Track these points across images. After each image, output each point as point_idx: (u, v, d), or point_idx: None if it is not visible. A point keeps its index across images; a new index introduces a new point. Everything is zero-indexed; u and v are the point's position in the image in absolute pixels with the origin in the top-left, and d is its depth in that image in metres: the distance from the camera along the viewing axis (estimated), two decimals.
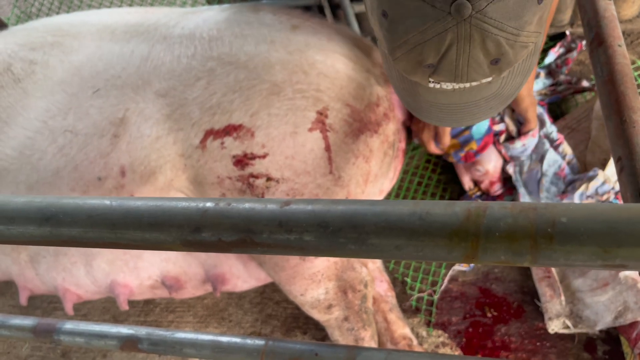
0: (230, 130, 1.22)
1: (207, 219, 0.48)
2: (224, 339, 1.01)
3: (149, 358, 1.62)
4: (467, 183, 1.59)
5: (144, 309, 1.71)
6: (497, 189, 1.56)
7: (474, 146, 1.46)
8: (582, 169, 1.52)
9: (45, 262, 1.39)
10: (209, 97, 1.25)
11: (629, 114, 0.98)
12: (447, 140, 1.43)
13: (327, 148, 1.23)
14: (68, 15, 1.57)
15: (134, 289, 1.40)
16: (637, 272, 1.31)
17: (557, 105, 1.70)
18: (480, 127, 1.45)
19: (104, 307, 1.73)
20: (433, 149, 1.47)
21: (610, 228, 0.39)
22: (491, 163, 1.51)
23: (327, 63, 1.30)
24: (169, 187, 1.26)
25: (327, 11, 1.76)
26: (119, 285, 1.38)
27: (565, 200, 1.45)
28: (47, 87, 1.35)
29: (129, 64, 1.31)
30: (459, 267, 1.54)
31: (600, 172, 1.42)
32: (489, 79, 0.72)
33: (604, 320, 1.31)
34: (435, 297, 1.52)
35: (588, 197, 1.40)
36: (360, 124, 1.27)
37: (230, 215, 0.48)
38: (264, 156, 1.20)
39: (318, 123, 1.23)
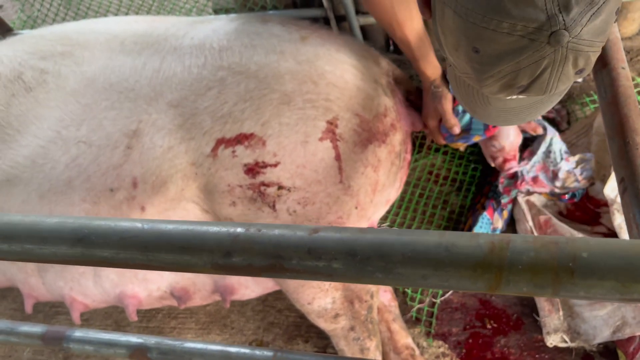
0: (241, 139, 1.24)
1: (238, 244, 0.50)
2: (233, 349, 1.02)
3: None
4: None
5: (146, 315, 1.72)
6: (510, 166, 1.52)
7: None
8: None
9: (53, 271, 1.40)
10: (220, 106, 1.27)
11: (632, 136, 1.00)
12: (452, 120, 1.45)
13: (338, 157, 1.25)
14: (75, 24, 1.58)
15: (143, 300, 1.41)
16: None
17: (558, 122, 1.73)
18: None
19: (106, 313, 1.74)
20: (440, 139, 1.51)
21: (629, 264, 0.42)
22: (508, 139, 1.48)
23: (336, 73, 1.33)
24: (179, 198, 1.27)
25: (333, 23, 1.79)
26: (128, 297, 1.39)
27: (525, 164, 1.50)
28: (60, 97, 1.36)
29: (141, 76, 1.33)
30: None
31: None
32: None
33: (602, 335, 1.34)
34: (436, 308, 1.54)
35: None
36: (369, 134, 1.29)
37: (260, 241, 0.50)
38: (275, 165, 1.22)
39: (328, 133, 1.25)
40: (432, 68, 1.40)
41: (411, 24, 1.28)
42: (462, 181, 1.71)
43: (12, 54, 1.49)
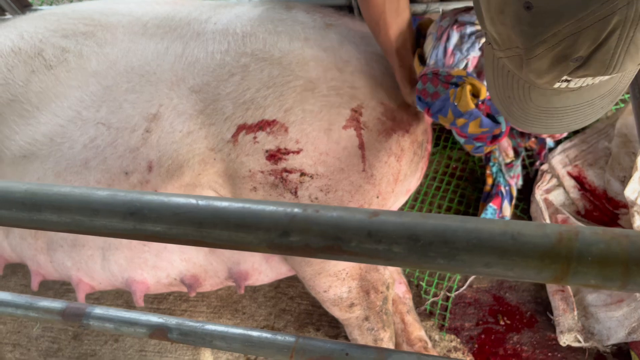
0: (263, 125, 1.23)
1: (296, 224, 0.50)
2: (255, 333, 1.02)
3: (160, 345, 1.63)
4: (504, 151, 1.48)
5: (157, 297, 1.72)
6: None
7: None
8: (602, 186, 1.55)
9: (61, 251, 1.40)
10: (243, 92, 1.26)
11: None
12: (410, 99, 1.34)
13: (361, 146, 1.25)
14: (98, 3, 1.57)
15: (151, 286, 1.41)
16: None
17: None
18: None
19: (116, 293, 1.74)
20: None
21: None
22: None
23: (362, 61, 1.32)
24: (195, 183, 1.27)
25: (356, 12, 1.77)
26: (136, 282, 1.39)
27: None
28: (81, 77, 1.36)
29: (164, 61, 1.33)
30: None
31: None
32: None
33: (617, 336, 1.34)
34: (450, 302, 1.54)
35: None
36: (393, 123, 1.29)
37: (319, 222, 0.49)
38: (298, 152, 1.21)
39: (352, 121, 1.24)
40: (409, 76, 1.31)
41: (397, 26, 1.23)
42: (480, 175, 1.71)
43: (33, 30, 1.48)
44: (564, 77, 0.69)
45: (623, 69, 0.65)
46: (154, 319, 1.07)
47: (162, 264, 1.38)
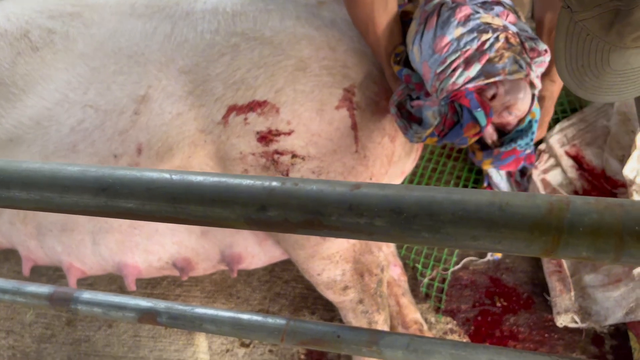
0: (254, 106, 1.21)
1: (274, 198, 0.47)
2: (245, 316, 1.00)
3: (154, 330, 1.62)
4: (490, 137, 1.31)
5: (150, 282, 1.70)
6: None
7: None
8: (600, 165, 1.52)
9: (51, 235, 1.38)
10: (233, 72, 1.23)
11: None
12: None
13: (354, 126, 1.22)
14: None
15: (143, 270, 1.40)
16: None
17: (576, 97, 1.69)
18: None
19: (110, 278, 1.72)
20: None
21: None
22: (525, 100, 1.12)
23: (355, 39, 1.28)
24: (184, 166, 1.24)
25: None
26: (128, 266, 1.37)
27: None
28: (68, 59, 1.33)
29: (152, 41, 1.30)
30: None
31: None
32: None
33: (615, 316, 1.32)
34: (446, 284, 1.52)
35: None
36: (386, 103, 1.26)
37: (298, 195, 0.47)
38: (289, 133, 1.18)
39: (345, 101, 1.21)
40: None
41: (386, 25, 1.19)
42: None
43: (20, 12, 1.45)
44: None
45: None
46: (143, 303, 1.05)
47: (154, 248, 1.36)
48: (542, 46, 1.11)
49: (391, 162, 1.31)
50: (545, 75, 1.19)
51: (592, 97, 0.85)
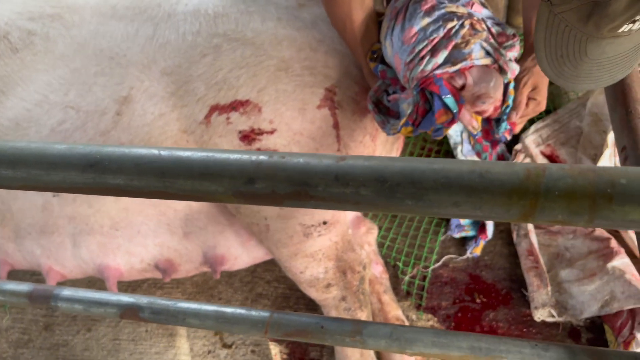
0: (236, 105, 1.22)
1: (262, 170, 0.48)
2: (228, 309, 1.01)
3: (135, 333, 1.60)
4: (469, 124, 1.27)
5: (131, 284, 1.68)
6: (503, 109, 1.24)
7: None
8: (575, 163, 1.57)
9: (30, 238, 1.36)
10: (215, 73, 1.24)
11: (634, 105, 1.01)
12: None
13: (336, 125, 1.23)
14: None
15: (124, 272, 1.38)
16: (625, 263, 1.36)
17: (550, 99, 1.73)
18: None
19: (89, 281, 1.70)
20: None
21: None
22: (497, 87, 1.13)
23: (335, 41, 1.30)
24: None
25: None
26: (109, 269, 1.36)
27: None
28: (48, 60, 1.32)
29: (134, 43, 1.30)
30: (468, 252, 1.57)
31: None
32: None
33: (590, 309, 1.36)
34: (426, 281, 1.54)
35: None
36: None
37: (285, 167, 0.48)
38: (272, 132, 1.20)
39: (327, 100, 1.23)
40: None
41: (364, 23, 1.21)
42: (454, 156, 1.71)
43: None
44: (638, 16, 0.72)
45: None
46: (125, 298, 1.04)
47: (136, 249, 1.35)
48: (510, 30, 1.14)
49: None
50: (527, 55, 1.22)
51: (571, 85, 0.89)
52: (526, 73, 1.20)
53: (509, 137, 1.28)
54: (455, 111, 1.12)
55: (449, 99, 1.11)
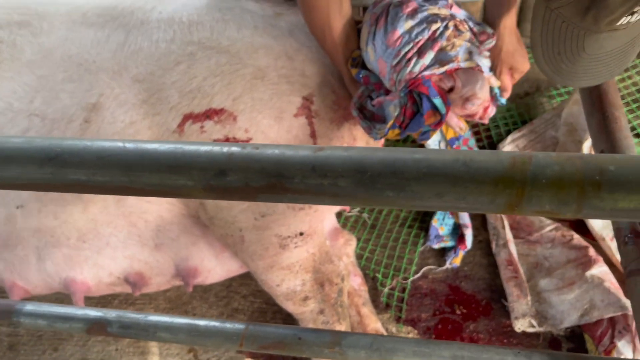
0: (210, 114, 1.19)
1: (234, 162, 0.45)
2: (202, 322, 0.96)
3: (104, 352, 1.54)
4: (457, 125, 1.32)
5: (101, 301, 1.62)
6: (491, 111, 1.24)
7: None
8: None
9: None
10: (189, 81, 1.21)
11: (611, 110, 1.02)
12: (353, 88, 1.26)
13: (313, 134, 1.21)
14: None
15: (92, 286, 1.33)
16: (603, 272, 1.35)
17: (526, 110, 1.75)
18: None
19: (57, 298, 1.63)
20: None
21: None
22: (483, 88, 1.13)
23: (313, 49, 1.29)
24: None
25: None
26: (76, 283, 1.30)
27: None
28: (14, 67, 1.28)
29: (104, 49, 1.27)
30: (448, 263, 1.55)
31: None
32: None
33: (570, 318, 1.35)
34: (406, 293, 1.52)
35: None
36: (345, 111, 1.26)
37: (259, 158, 0.45)
38: (247, 141, 1.17)
39: (304, 109, 1.21)
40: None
41: (343, 30, 1.20)
42: None
43: None
44: (637, 7, 0.71)
45: None
46: (92, 312, 0.99)
47: (104, 262, 1.30)
48: (490, 29, 1.15)
49: None
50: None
51: (569, 82, 0.88)
52: (497, 62, 1.20)
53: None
54: (443, 112, 1.11)
55: (438, 100, 1.11)
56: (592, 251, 1.41)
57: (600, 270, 1.35)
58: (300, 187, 0.45)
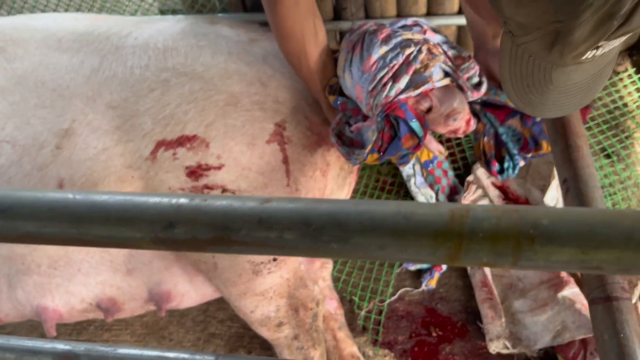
0: (183, 141, 1.19)
1: (182, 215, 0.46)
2: (171, 354, 0.96)
3: None
4: (437, 149, 1.34)
5: (75, 327, 1.60)
6: (473, 124, 1.23)
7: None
8: (524, 195, 1.59)
9: None
10: (163, 107, 1.21)
11: (573, 139, 1.04)
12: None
13: (285, 160, 1.22)
14: (11, 19, 1.49)
15: (64, 313, 1.32)
16: (574, 293, 1.37)
17: None
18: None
19: (30, 326, 1.61)
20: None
21: (589, 231, 0.41)
22: (462, 103, 1.15)
23: (286, 75, 1.30)
24: None
25: None
26: (47, 310, 1.29)
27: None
28: None
29: (78, 74, 1.27)
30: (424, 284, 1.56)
31: None
32: None
33: (543, 340, 1.36)
34: (382, 316, 1.52)
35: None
36: (318, 137, 1.27)
37: (206, 211, 0.46)
38: (219, 167, 1.17)
39: (276, 135, 1.22)
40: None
41: (319, 58, 1.22)
42: (408, 188, 1.72)
43: None
44: (601, 42, 0.71)
45: None
46: (60, 346, 0.98)
47: (76, 288, 1.29)
48: (465, 53, 1.17)
49: (324, 195, 1.32)
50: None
51: (539, 113, 0.89)
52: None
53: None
54: (421, 135, 1.13)
55: (415, 123, 1.13)
56: (563, 272, 1.43)
57: (571, 291, 1.37)
58: (247, 239, 0.45)
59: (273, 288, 1.24)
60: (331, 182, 1.36)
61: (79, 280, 1.26)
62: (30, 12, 2.08)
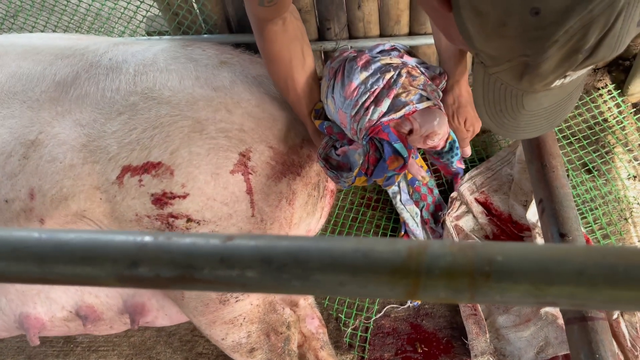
0: (149, 167, 1.19)
1: (145, 254, 0.47)
2: None
3: None
4: (418, 174, 1.42)
5: (63, 349, 1.60)
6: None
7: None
8: (507, 210, 1.61)
9: None
10: (129, 132, 1.22)
11: (548, 159, 1.05)
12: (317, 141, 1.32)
13: (249, 191, 1.22)
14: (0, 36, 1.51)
15: (46, 322, 1.32)
16: (557, 309, 1.38)
17: (483, 147, 1.79)
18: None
19: (18, 347, 1.60)
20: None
21: (543, 267, 0.42)
22: (441, 124, 1.20)
23: (252, 102, 1.29)
24: (82, 215, 1.21)
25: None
26: (29, 318, 1.29)
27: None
28: None
29: (49, 87, 1.28)
30: (410, 302, 1.56)
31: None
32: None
33: (527, 356, 1.37)
34: (369, 333, 1.53)
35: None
36: (283, 167, 1.27)
37: (169, 249, 0.46)
38: (184, 196, 1.17)
39: (240, 165, 1.22)
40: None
41: (306, 82, 1.24)
42: (394, 205, 1.73)
43: None
44: (568, 73, 0.72)
45: (623, 48, 0.67)
46: None
47: (56, 294, 1.30)
48: (438, 69, 1.20)
49: (291, 224, 1.32)
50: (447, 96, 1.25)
51: (513, 135, 0.91)
52: (451, 112, 1.24)
53: (462, 167, 1.51)
54: (405, 156, 1.15)
55: (399, 145, 1.15)
56: None
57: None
58: (210, 278, 0.46)
59: (242, 315, 1.25)
60: (299, 210, 1.36)
61: (58, 287, 1.26)
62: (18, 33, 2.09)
